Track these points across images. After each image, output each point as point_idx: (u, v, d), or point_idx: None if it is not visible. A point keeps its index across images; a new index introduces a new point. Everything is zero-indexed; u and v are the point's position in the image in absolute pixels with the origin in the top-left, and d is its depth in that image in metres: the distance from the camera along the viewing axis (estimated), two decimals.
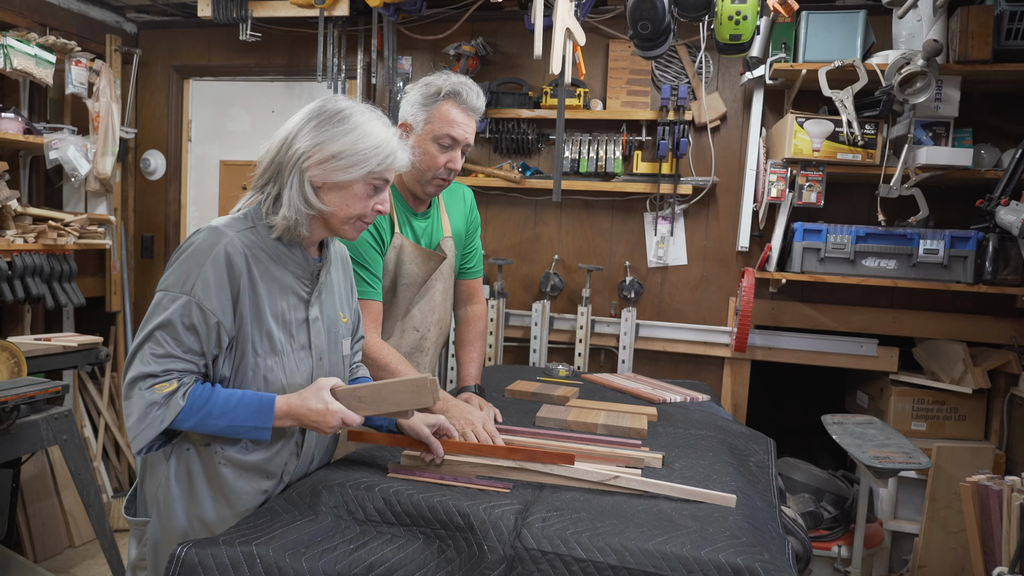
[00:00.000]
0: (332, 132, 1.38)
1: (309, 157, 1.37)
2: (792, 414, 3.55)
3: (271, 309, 1.41)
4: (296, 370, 1.45)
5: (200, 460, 1.41)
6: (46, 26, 3.29)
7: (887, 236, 2.71)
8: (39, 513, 3.21)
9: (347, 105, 1.42)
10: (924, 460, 2.12)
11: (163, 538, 1.43)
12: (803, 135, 2.65)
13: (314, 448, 1.55)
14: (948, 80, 2.60)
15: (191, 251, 1.35)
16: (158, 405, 1.30)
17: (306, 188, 1.38)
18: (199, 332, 1.33)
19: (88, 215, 3.19)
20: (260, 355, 1.40)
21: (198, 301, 1.32)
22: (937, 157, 2.57)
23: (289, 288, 1.44)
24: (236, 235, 1.37)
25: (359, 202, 1.42)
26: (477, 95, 1.89)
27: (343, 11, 3.11)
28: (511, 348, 3.40)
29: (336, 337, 1.55)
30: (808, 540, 2.06)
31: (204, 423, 1.34)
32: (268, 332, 1.40)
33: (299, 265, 1.46)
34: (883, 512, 2.94)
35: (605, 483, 1.44)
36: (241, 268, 1.36)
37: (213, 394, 1.34)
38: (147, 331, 1.33)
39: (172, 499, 1.41)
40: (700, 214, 3.19)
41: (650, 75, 3.18)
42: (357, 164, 1.38)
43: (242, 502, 1.43)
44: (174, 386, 1.31)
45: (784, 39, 2.77)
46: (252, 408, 1.35)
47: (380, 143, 1.40)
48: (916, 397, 2.96)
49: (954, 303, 2.93)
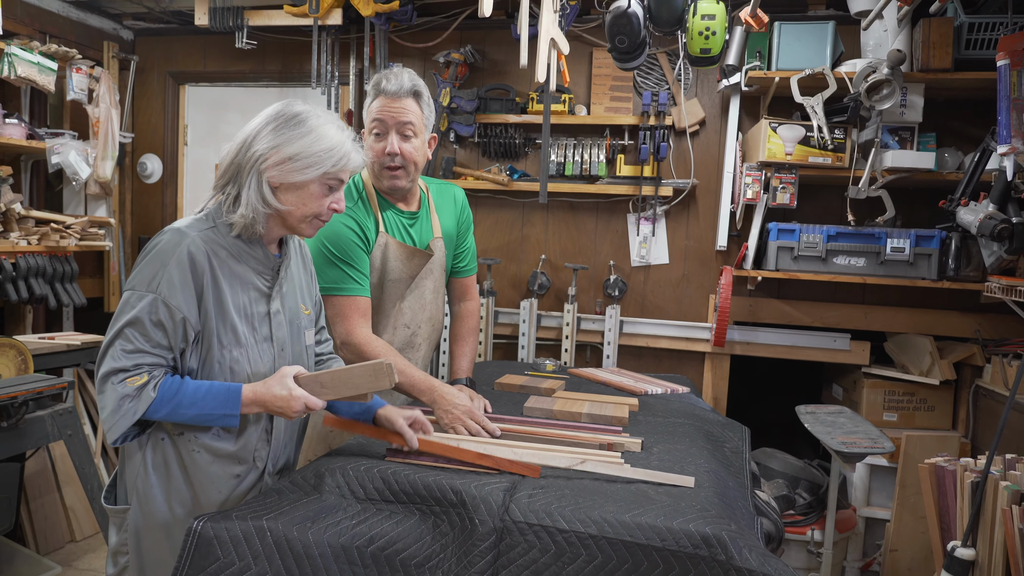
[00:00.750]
0: (289, 135, 1.44)
1: (267, 159, 1.44)
2: (771, 407, 3.69)
3: (234, 304, 1.48)
4: (260, 360, 1.53)
5: (175, 448, 1.49)
6: (46, 34, 3.38)
7: (856, 235, 2.85)
8: (41, 508, 3.29)
9: (304, 110, 1.48)
10: (888, 445, 2.25)
11: (143, 524, 1.51)
12: (776, 139, 2.79)
13: (284, 434, 1.63)
14: (912, 87, 2.75)
15: (155, 251, 1.42)
16: (130, 398, 1.37)
17: (264, 188, 1.45)
18: (166, 327, 1.40)
19: (89, 218, 3.29)
20: (225, 347, 1.47)
21: (164, 299, 1.39)
22: (902, 160, 2.72)
23: (250, 283, 1.52)
24: (198, 235, 1.44)
25: (315, 201, 1.49)
26: (396, 76, 1.91)
27: (336, 20, 3.22)
28: (500, 345, 3.51)
29: (299, 328, 1.63)
30: (780, 522, 2.19)
31: (175, 413, 1.41)
32: (232, 326, 1.48)
33: (259, 261, 1.53)
34: (856, 499, 3.08)
35: (572, 467, 1.55)
36: (204, 266, 1.43)
37: (183, 385, 1.42)
38: (116, 328, 1.40)
39: (150, 486, 1.49)
40: (681, 215, 3.33)
41: (632, 82, 3.31)
42: (312, 165, 1.45)
43: (216, 487, 1.51)
44: (145, 379, 1.38)
45: (759, 48, 2.91)
46: (220, 397, 1.43)
47: (335, 145, 1.47)
48: (887, 389, 3.10)
49: (922, 299, 3.08)
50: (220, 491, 1.52)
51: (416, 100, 1.93)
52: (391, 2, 3.12)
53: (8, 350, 2.57)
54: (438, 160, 3.46)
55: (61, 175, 3.42)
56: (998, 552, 1.73)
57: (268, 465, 1.60)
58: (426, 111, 1.97)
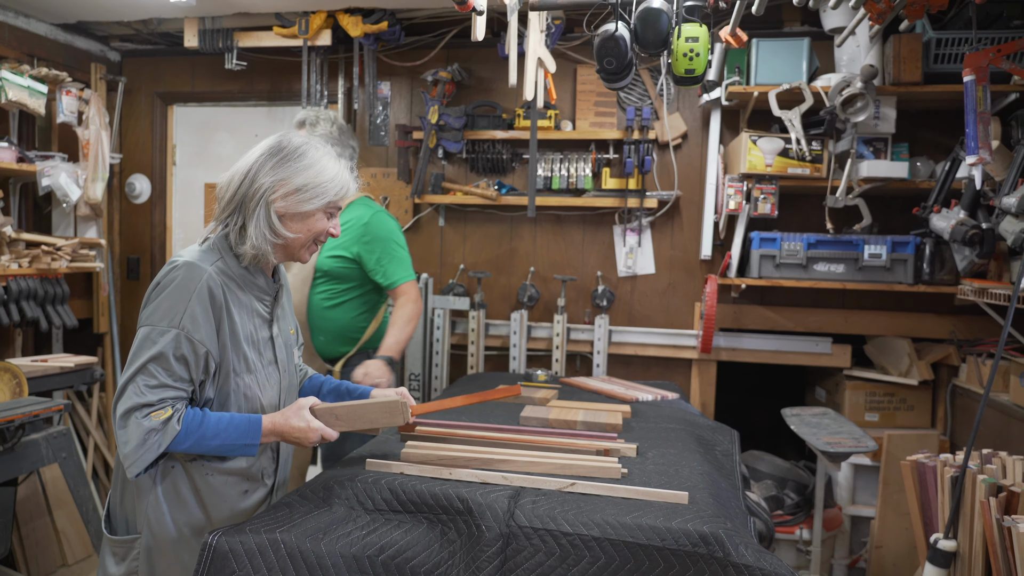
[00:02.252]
0: (295, 167, 1.53)
1: (275, 191, 1.52)
2: (757, 411, 3.78)
3: (243, 332, 1.55)
4: (267, 384, 1.60)
5: (187, 474, 1.54)
6: (34, 56, 3.40)
7: (835, 243, 2.95)
8: (32, 533, 3.27)
9: (302, 143, 1.58)
10: (871, 444, 2.34)
11: (155, 547, 1.54)
12: (756, 152, 2.89)
13: (288, 453, 1.72)
14: (885, 100, 2.86)
15: (174, 287, 1.46)
16: (156, 431, 1.41)
17: (272, 218, 1.52)
18: (189, 362, 1.45)
19: (80, 239, 3.30)
20: (239, 374, 1.54)
21: (187, 334, 1.43)
22: (877, 170, 2.83)
23: (255, 311, 1.59)
24: (211, 268, 1.50)
25: (318, 227, 1.59)
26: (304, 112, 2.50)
27: (326, 41, 3.28)
28: (491, 356, 3.57)
29: (290, 349, 1.73)
30: (771, 521, 2.27)
31: (199, 444, 1.46)
32: (243, 353, 1.54)
33: (262, 289, 1.61)
34: (842, 498, 3.16)
35: (563, 489, 1.60)
36: (220, 299, 1.49)
37: (205, 418, 1.47)
38: (138, 364, 1.42)
39: (162, 513, 1.53)
40: (665, 226, 3.41)
41: (616, 98, 3.40)
42: (318, 195, 1.56)
43: (226, 503, 1.57)
44: (169, 412, 1.42)
45: (737, 64, 3.01)
46: (241, 428, 1.49)
47: (335, 175, 1.58)
48: (868, 390, 3.20)
49: (899, 303, 3.19)
50: (230, 507, 1.58)
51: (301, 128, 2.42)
52: (380, 23, 3.19)
53: (3, 374, 2.58)
54: (427, 176, 3.52)
55: (50, 197, 3.43)
56: (978, 542, 1.82)
57: (276, 481, 1.68)
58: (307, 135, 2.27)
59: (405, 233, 3.58)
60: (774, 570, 1.36)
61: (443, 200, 3.49)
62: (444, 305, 3.43)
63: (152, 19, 3.47)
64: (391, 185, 3.61)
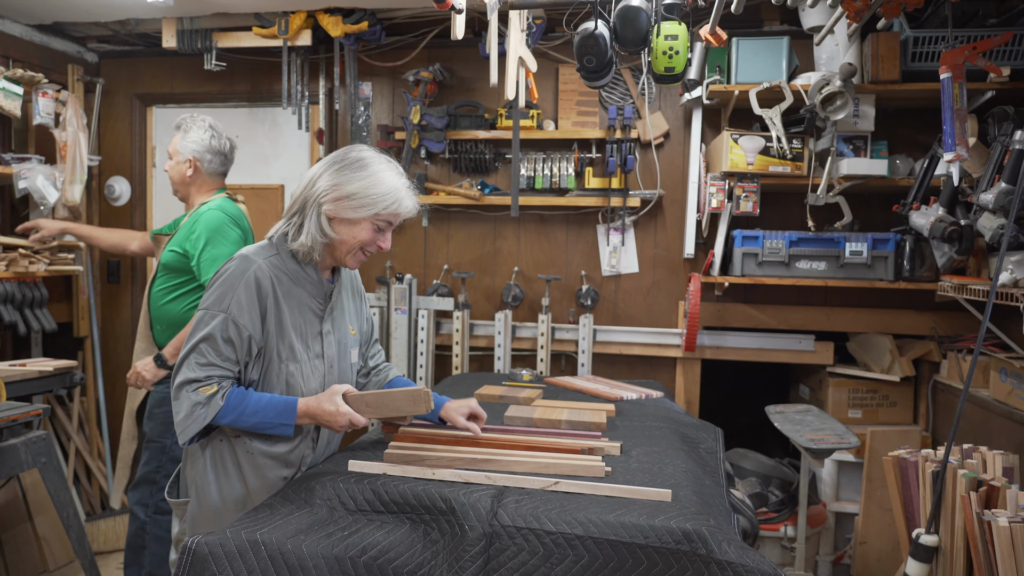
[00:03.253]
0: (350, 176, 1.64)
1: (327, 194, 1.63)
2: (742, 409, 3.80)
3: (292, 323, 1.66)
4: (312, 375, 1.70)
5: (231, 449, 1.67)
6: (9, 58, 3.35)
7: (817, 240, 2.97)
8: (13, 539, 3.22)
9: (368, 155, 1.68)
10: (854, 440, 2.36)
11: (199, 514, 1.69)
12: (738, 150, 2.90)
13: (327, 443, 1.80)
14: (864, 98, 2.89)
15: (226, 276, 1.62)
16: (202, 405, 1.57)
17: (322, 219, 1.63)
18: (235, 344, 1.59)
19: (58, 242, 3.25)
20: (283, 362, 1.65)
21: (233, 318, 1.58)
22: (857, 168, 2.85)
23: (306, 305, 1.70)
24: (264, 261, 1.63)
25: (363, 236, 1.67)
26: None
27: (306, 41, 3.26)
28: (476, 357, 3.56)
29: (345, 347, 1.81)
30: (755, 518, 2.27)
31: (239, 420, 1.59)
32: (289, 343, 1.65)
33: (315, 286, 1.71)
34: (826, 495, 3.18)
35: (547, 488, 1.60)
36: (268, 289, 1.62)
37: (247, 396, 1.60)
38: (192, 343, 1.59)
39: (208, 482, 1.68)
40: (649, 225, 3.42)
41: (598, 97, 3.40)
42: (366, 205, 1.63)
43: (264, 486, 1.66)
44: (214, 389, 1.57)
45: (718, 63, 3.03)
46: (279, 408, 1.61)
47: (389, 191, 1.65)
48: (851, 387, 3.22)
49: (880, 300, 3.21)
50: (269, 490, 1.66)
51: (176, 131, 2.55)
52: (360, 23, 3.17)
53: None
54: (410, 177, 3.50)
55: (28, 200, 3.38)
56: (959, 536, 1.83)
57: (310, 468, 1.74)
58: (179, 140, 2.53)
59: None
60: (757, 567, 1.36)
61: (426, 200, 3.47)
62: (428, 306, 3.41)
63: (130, 20, 3.43)
64: None
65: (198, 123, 2.55)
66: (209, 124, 2.56)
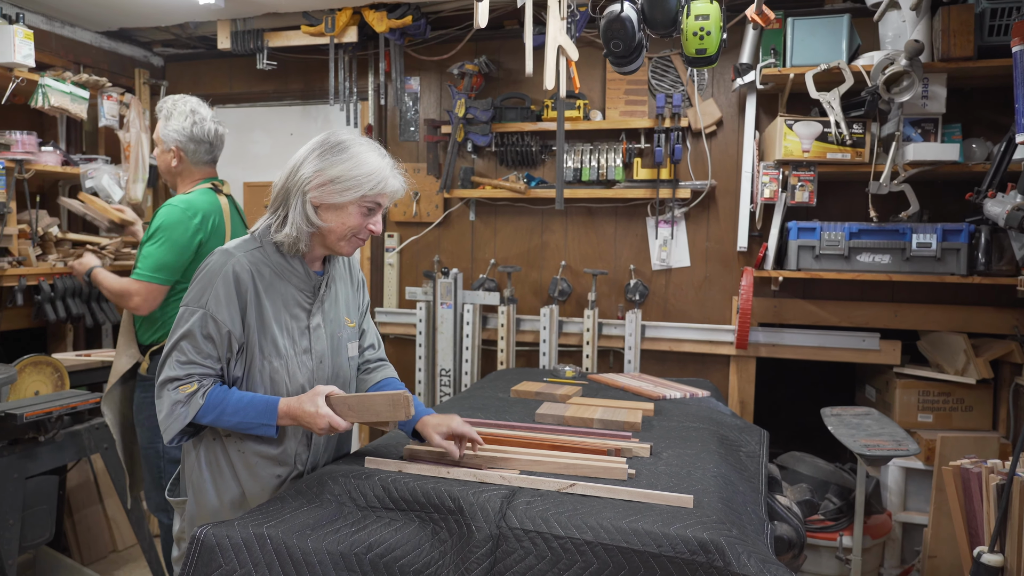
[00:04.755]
0: (332, 160, 1.56)
1: (310, 181, 1.56)
2: (805, 410, 3.61)
3: (275, 318, 1.59)
4: (298, 372, 1.63)
5: (224, 449, 1.63)
6: (80, 64, 3.53)
7: (880, 232, 2.77)
8: (85, 519, 3.41)
9: (348, 138, 1.60)
10: (913, 447, 2.18)
11: (197, 513, 1.65)
12: (792, 137, 2.74)
13: (325, 442, 1.73)
14: (934, 78, 2.67)
15: (205, 271, 1.57)
16: (181, 403, 1.52)
17: (307, 207, 1.56)
18: (215, 340, 1.54)
19: (122, 238, 3.41)
20: (266, 358, 1.59)
21: (212, 313, 1.53)
22: (925, 153, 2.64)
23: (292, 299, 1.63)
24: (243, 255, 1.57)
25: (353, 220, 1.59)
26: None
27: (352, 37, 3.29)
28: (523, 352, 3.52)
29: (340, 341, 1.73)
30: (801, 527, 2.14)
31: (220, 419, 1.54)
32: (273, 339, 1.59)
33: (301, 279, 1.64)
34: (892, 503, 2.98)
35: (562, 490, 1.54)
36: (247, 284, 1.56)
37: (228, 395, 1.55)
38: (173, 341, 1.55)
39: (204, 481, 1.64)
40: (701, 217, 3.29)
41: (647, 85, 3.29)
42: (351, 188, 1.56)
43: (259, 485, 1.63)
44: (195, 387, 1.53)
45: (773, 45, 2.87)
46: (259, 408, 1.55)
47: (373, 171, 1.58)
48: (921, 389, 3.00)
49: (953, 295, 2.98)
50: (264, 489, 1.63)
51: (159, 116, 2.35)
52: (404, 17, 3.17)
53: (45, 367, 2.68)
54: (456, 171, 3.50)
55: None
56: None
57: (308, 467, 1.69)
58: (161, 127, 2.32)
59: (437, 228, 3.59)
60: None
61: (472, 194, 3.45)
62: (473, 300, 3.39)
63: (188, 23, 3.55)
64: (421, 180, 3.60)
65: (179, 108, 2.33)
66: (191, 109, 2.35)
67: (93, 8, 3.26)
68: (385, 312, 3.67)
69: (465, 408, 2.34)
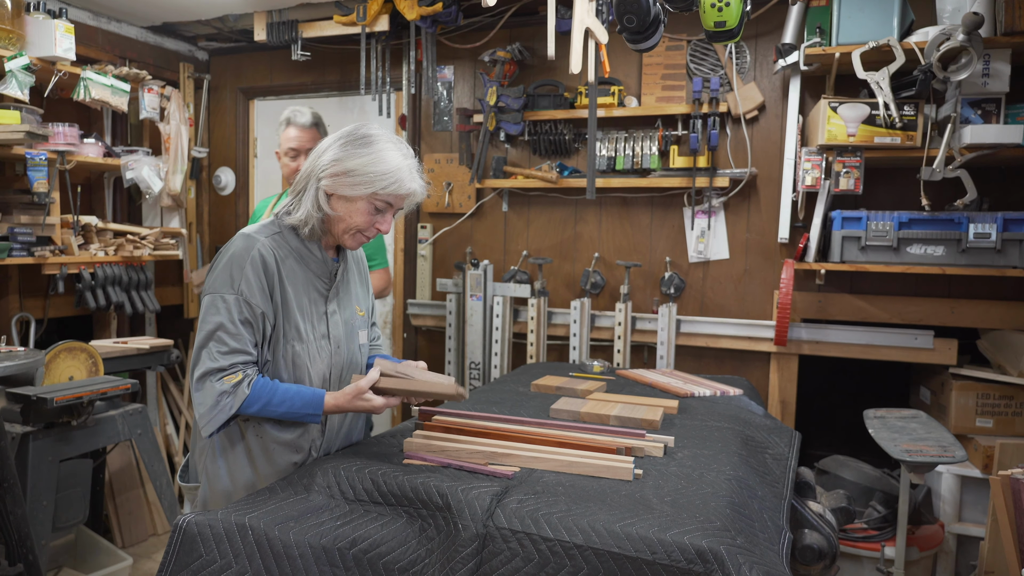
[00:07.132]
0: (352, 152, 1.57)
1: (327, 169, 1.57)
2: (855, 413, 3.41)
3: (296, 302, 1.60)
4: (318, 356, 1.64)
5: (242, 435, 1.63)
6: (126, 58, 3.62)
7: (933, 221, 2.57)
8: (126, 503, 3.51)
9: (375, 132, 1.60)
10: (960, 453, 2.01)
11: (210, 497, 1.66)
12: (837, 120, 2.57)
13: (338, 428, 1.73)
14: (996, 54, 2.45)
15: (230, 256, 1.56)
16: (228, 394, 1.51)
17: (320, 194, 1.58)
18: (252, 324, 1.54)
19: (161, 229, 3.49)
20: (289, 342, 1.60)
21: (246, 298, 1.53)
22: (983, 136, 2.43)
23: (311, 284, 1.64)
24: (266, 239, 1.58)
25: (360, 217, 1.60)
26: (302, 114, 2.52)
27: (383, 26, 3.26)
28: (555, 346, 3.43)
29: (353, 328, 1.74)
30: (834, 536, 2.00)
31: (266, 409, 1.55)
32: (295, 323, 1.60)
33: (319, 264, 1.65)
34: (945, 514, 2.77)
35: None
36: (272, 267, 1.56)
37: (275, 386, 1.55)
38: (208, 330, 1.53)
39: (218, 467, 1.64)
40: (741, 206, 3.13)
41: (685, 69, 3.15)
42: (364, 183, 1.56)
43: (274, 470, 1.63)
44: (240, 377, 1.52)
45: (819, 23, 2.69)
46: (307, 399, 1.57)
47: (390, 170, 1.57)
48: (980, 391, 2.78)
49: (1018, 291, 2.74)
50: (278, 474, 1.63)
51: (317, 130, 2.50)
52: (435, 4, 3.12)
53: (80, 354, 2.76)
54: (488, 160, 3.43)
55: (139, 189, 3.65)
56: None
57: (321, 453, 1.70)
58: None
59: (469, 219, 3.54)
60: None
61: (504, 184, 3.39)
62: (503, 292, 3.33)
63: (228, 16, 3.59)
64: (454, 170, 3.55)
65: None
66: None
67: (134, 2, 3.33)
68: (418, 304, 3.65)
69: (481, 402, 2.28)
